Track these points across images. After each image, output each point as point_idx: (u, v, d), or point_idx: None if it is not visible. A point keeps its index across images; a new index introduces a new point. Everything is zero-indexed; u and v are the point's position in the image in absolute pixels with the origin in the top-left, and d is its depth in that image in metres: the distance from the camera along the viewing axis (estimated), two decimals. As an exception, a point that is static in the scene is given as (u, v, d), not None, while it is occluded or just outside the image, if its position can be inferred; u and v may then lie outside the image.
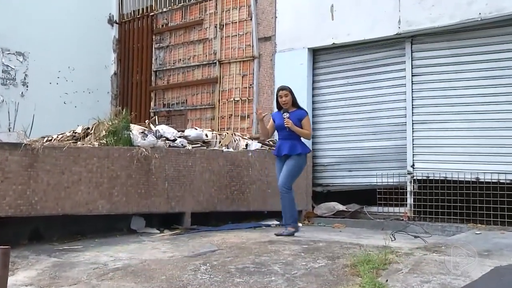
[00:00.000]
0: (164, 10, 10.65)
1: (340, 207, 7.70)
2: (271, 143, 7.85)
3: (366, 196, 7.63)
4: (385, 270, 3.86)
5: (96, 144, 6.21)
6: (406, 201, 7.28)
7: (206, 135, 7.45)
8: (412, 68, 7.41)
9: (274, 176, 7.26)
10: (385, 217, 7.32)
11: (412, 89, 7.39)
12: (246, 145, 7.54)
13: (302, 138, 5.92)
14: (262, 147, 7.59)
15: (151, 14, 10.89)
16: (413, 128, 7.34)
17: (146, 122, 7.50)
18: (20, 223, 5.50)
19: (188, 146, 6.85)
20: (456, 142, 6.98)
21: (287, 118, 5.79)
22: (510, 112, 6.62)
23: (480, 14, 6.70)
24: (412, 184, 7.25)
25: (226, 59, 9.51)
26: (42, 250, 5.00)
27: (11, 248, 3.08)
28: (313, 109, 8.23)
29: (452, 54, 7.10)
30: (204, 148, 7.03)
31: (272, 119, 6.13)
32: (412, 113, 7.36)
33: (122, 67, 11.47)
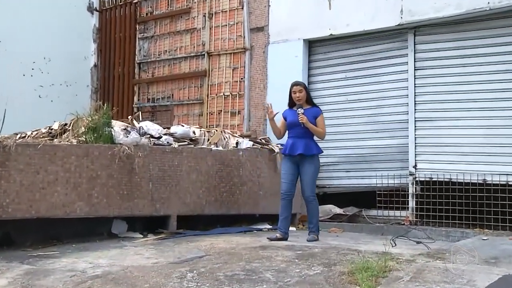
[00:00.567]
0: (149, -3, 10.63)
1: (337, 210, 7.71)
2: (263, 141, 7.85)
3: (365, 198, 7.66)
4: (385, 278, 3.87)
5: (74, 141, 6.19)
6: (408, 204, 7.31)
7: (194, 133, 7.44)
8: (415, 61, 7.44)
9: (267, 176, 7.31)
10: (385, 221, 7.34)
11: (414, 84, 7.41)
12: (237, 143, 7.53)
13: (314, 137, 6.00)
14: (253, 145, 7.59)
15: (135, 1, 10.84)
16: (415, 126, 7.38)
17: (129, 118, 7.47)
18: (-11, 227, 5.46)
19: (174, 144, 6.84)
20: (461, 141, 7.01)
21: (302, 114, 5.82)
22: (519, 109, 6.68)
23: (489, 3, 6.73)
24: (414, 185, 7.28)
25: (215, 51, 9.49)
26: (13, 257, 4.95)
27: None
28: (308, 105, 8.24)
29: (458, 47, 7.14)
30: (192, 146, 7.02)
31: (283, 118, 6.15)
32: (415, 109, 7.39)
33: (102, 58, 11.41)
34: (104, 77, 11.37)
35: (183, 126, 7.57)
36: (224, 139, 7.56)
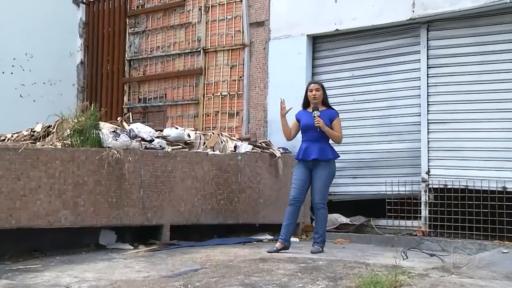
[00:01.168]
0: (140, -11, 10.66)
1: (344, 219, 7.71)
2: (264, 144, 7.85)
3: (373, 207, 7.65)
4: (396, 293, 3.85)
5: (58, 145, 6.17)
6: (420, 213, 7.30)
7: (189, 135, 7.44)
8: (428, 58, 7.44)
9: (267, 183, 7.30)
10: (395, 231, 7.33)
11: (427, 83, 7.41)
12: (235, 147, 7.53)
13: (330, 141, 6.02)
14: (253, 149, 7.59)
15: (125, -7, 10.88)
16: (428, 129, 7.37)
17: (119, 119, 7.48)
18: (-35, 238, 5.44)
19: (168, 148, 6.84)
20: (479, 145, 7.01)
21: (318, 117, 5.83)
22: (542, 111, 6.68)
23: (509, -4, 6.74)
24: (427, 193, 7.27)
25: (212, 47, 9.50)
26: (-8, 270, 4.94)
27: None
28: (313, 105, 8.24)
29: (476, 43, 7.13)
30: (186, 150, 7.02)
31: (296, 119, 6.18)
32: (428, 111, 7.39)
33: (90, 55, 11.41)
34: (91, 75, 11.37)
35: (177, 129, 7.58)
36: (221, 142, 7.56)
